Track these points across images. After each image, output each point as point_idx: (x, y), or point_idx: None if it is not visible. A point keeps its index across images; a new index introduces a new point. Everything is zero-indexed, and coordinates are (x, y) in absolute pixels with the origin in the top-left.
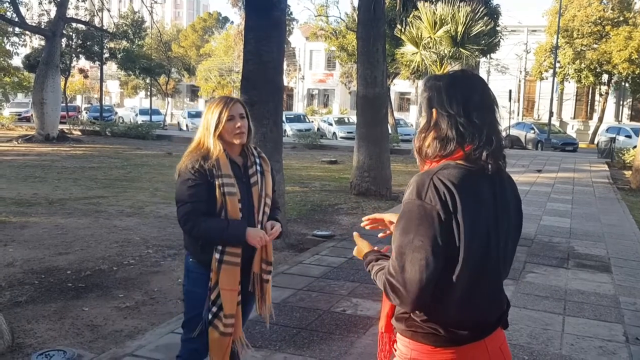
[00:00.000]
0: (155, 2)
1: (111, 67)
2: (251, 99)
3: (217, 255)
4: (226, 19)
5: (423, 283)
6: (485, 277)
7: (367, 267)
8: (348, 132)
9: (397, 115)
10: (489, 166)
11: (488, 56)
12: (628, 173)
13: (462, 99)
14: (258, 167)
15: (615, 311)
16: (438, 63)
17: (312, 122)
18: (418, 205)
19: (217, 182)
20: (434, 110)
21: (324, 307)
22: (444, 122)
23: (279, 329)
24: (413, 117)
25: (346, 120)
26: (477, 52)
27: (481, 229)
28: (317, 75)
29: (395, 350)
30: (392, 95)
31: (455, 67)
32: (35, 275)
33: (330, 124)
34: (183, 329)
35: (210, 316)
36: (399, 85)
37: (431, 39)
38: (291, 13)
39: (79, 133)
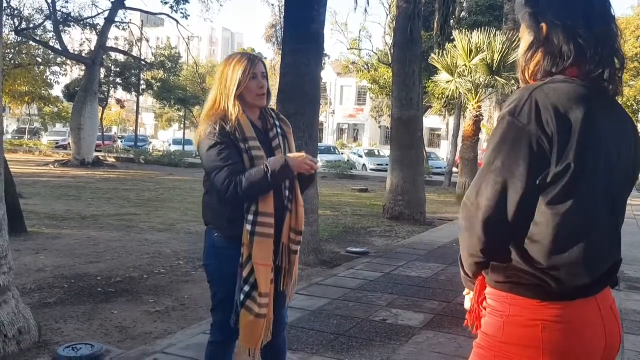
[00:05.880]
0: (193, 37)
1: (147, 101)
2: (287, 111)
3: (248, 227)
4: (260, 55)
5: (492, 210)
6: (598, 218)
7: None
8: (378, 165)
9: (428, 150)
10: (610, 87)
11: None
12: None
13: (581, 5)
14: (279, 130)
15: None
16: (473, 91)
17: (342, 154)
18: (509, 122)
19: (242, 147)
20: (543, 25)
21: (362, 316)
22: (557, 36)
23: (315, 334)
24: (444, 152)
25: (376, 152)
26: (513, 81)
27: (595, 157)
28: (347, 110)
29: (486, 309)
30: (424, 130)
31: (492, 95)
32: (65, 280)
33: (360, 156)
34: (212, 313)
35: (242, 297)
36: (430, 120)
37: (466, 67)
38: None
39: (114, 160)
